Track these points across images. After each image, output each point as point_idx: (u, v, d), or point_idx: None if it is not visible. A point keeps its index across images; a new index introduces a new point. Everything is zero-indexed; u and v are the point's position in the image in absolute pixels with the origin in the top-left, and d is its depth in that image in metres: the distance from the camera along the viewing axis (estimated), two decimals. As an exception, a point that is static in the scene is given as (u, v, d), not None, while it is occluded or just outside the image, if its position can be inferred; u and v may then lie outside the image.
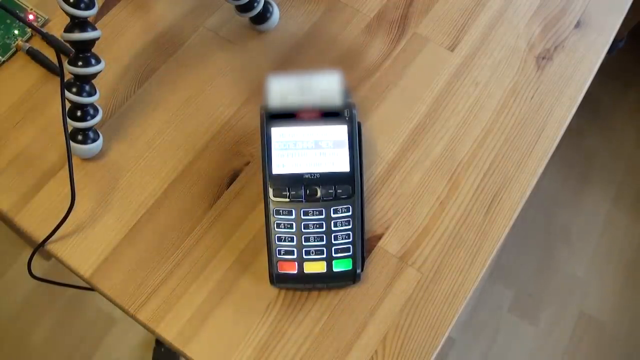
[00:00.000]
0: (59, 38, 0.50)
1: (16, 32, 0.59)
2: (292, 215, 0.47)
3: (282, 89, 0.49)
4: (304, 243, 0.47)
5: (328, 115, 0.49)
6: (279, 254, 0.47)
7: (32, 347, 1.22)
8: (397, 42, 0.61)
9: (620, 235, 1.44)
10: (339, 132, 0.49)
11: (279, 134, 0.49)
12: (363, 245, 0.49)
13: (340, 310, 0.49)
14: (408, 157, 0.55)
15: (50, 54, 0.58)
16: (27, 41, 0.59)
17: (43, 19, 0.60)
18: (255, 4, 0.57)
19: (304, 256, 0.47)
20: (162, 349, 1.20)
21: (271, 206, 0.48)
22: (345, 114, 0.49)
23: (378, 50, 0.60)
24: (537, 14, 0.63)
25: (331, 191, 0.48)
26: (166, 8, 0.62)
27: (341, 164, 0.48)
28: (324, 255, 0.47)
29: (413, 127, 0.57)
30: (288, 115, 0.49)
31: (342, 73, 0.50)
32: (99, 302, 1.26)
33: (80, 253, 0.50)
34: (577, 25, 0.62)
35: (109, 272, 0.50)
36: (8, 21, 0.60)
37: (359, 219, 0.48)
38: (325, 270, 0.47)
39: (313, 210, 0.48)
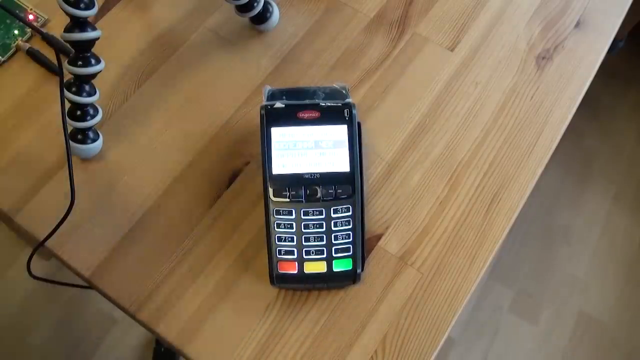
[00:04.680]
0: (59, 38, 0.50)
1: (16, 32, 0.59)
2: (292, 215, 0.47)
3: None
4: (304, 243, 0.47)
5: (328, 115, 0.49)
6: (279, 254, 0.47)
7: (32, 347, 1.22)
8: (397, 42, 0.61)
9: (620, 235, 1.44)
10: (339, 132, 0.49)
11: (279, 134, 0.49)
12: (363, 245, 0.49)
13: (340, 310, 0.49)
14: (408, 157, 0.55)
15: (50, 54, 0.58)
16: (27, 41, 0.59)
17: (43, 19, 0.60)
18: (255, 4, 0.57)
19: (304, 256, 0.47)
20: (162, 349, 1.20)
21: (271, 206, 0.48)
22: (345, 114, 0.49)
23: (378, 50, 0.60)
24: (537, 14, 0.63)
25: (331, 191, 0.48)
26: (166, 8, 0.62)
27: (341, 164, 0.48)
28: (324, 255, 0.47)
29: (413, 127, 0.57)
30: (288, 115, 0.49)
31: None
32: (99, 302, 1.26)
33: (80, 253, 0.50)
34: (577, 25, 0.62)
35: (109, 271, 0.50)
36: (8, 21, 0.60)
37: (359, 219, 0.48)
38: (325, 270, 0.47)
39: (313, 210, 0.48)
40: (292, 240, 0.47)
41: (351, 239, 0.48)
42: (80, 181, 0.53)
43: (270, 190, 0.48)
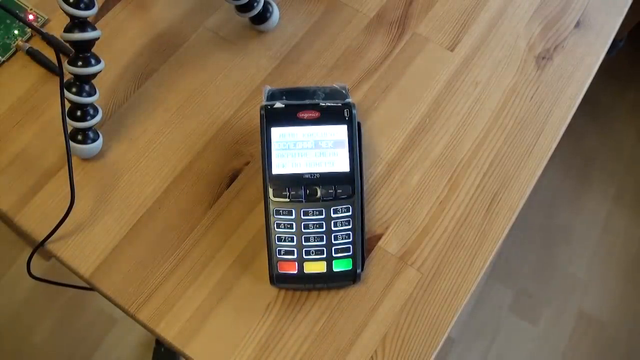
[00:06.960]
0: (59, 38, 0.50)
1: (16, 32, 0.59)
2: (292, 215, 0.47)
3: None
4: (304, 243, 0.47)
5: (328, 115, 0.49)
6: (279, 254, 0.47)
7: (32, 347, 1.22)
8: (397, 42, 0.61)
9: (620, 235, 1.44)
10: (339, 132, 0.49)
11: (279, 134, 0.49)
12: (363, 245, 0.49)
13: (340, 310, 0.49)
14: (408, 157, 0.55)
15: (50, 54, 0.58)
16: (27, 41, 0.59)
17: (43, 19, 0.60)
18: (255, 4, 0.57)
19: (304, 256, 0.47)
20: (162, 349, 1.20)
21: (271, 206, 0.48)
22: (345, 114, 0.49)
23: (378, 50, 0.60)
24: (537, 14, 0.63)
25: (331, 191, 0.48)
26: (166, 8, 0.62)
27: (341, 164, 0.48)
28: (324, 255, 0.47)
29: (413, 127, 0.57)
30: (288, 115, 0.49)
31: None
32: (99, 302, 1.26)
33: (80, 253, 0.50)
34: (577, 25, 0.62)
35: (109, 272, 0.50)
36: (8, 21, 0.60)
37: (359, 219, 0.48)
38: (325, 270, 0.47)
39: (313, 210, 0.48)
40: (292, 240, 0.47)
41: (351, 239, 0.48)
42: (80, 181, 0.53)
43: (270, 190, 0.48)
